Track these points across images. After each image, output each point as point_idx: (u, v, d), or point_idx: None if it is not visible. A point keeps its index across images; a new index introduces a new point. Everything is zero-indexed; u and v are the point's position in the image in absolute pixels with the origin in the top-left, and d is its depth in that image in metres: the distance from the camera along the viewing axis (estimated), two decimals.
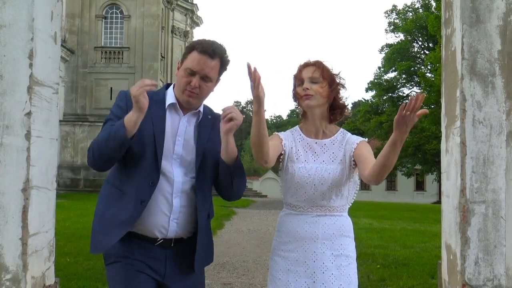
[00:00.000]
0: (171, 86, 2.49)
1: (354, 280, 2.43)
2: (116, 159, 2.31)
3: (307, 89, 2.45)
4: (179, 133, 2.39)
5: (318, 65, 2.50)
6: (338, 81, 2.51)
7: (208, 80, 2.36)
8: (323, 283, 2.35)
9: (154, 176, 2.33)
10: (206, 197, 2.44)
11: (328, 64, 2.52)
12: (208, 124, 2.46)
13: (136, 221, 2.33)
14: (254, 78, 2.13)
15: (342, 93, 2.55)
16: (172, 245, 2.41)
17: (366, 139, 2.58)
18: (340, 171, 2.43)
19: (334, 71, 2.52)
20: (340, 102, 2.53)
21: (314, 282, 2.36)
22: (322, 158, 2.47)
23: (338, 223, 2.44)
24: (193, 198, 2.40)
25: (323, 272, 2.36)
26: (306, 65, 2.52)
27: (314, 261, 2.38)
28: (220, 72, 2.42)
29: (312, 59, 2.55)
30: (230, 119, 2.22)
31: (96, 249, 2.38)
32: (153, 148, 2.33)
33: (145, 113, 2.22)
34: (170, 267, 2.41)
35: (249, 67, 2.14)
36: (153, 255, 2.39)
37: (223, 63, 2.41)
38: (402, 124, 2.09)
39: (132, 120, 2.21)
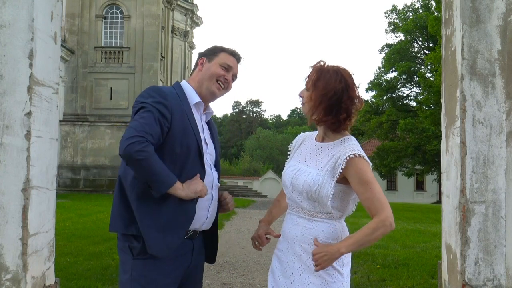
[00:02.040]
0: (185, 83, 2.59)
1: (332, 287, 2.31)
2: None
3: (300, 96, 2.43)
4: (204, 131, 2.57)
5: (314, 71, 2.37)
6: (339, 91, 2.31)
7: (234, 79, 2.64)
8: (298, 285, 2.33)
9: (202, 172, 2.45)
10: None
11: (343, 72, 2.35)
12: (210, 122, 2.69)
13: (193, 218, 2.43)
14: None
15: (358, 106, 2.36)
16: (197, 236, 2.54)
17: (362, 154, 2.30)
18: (314, 175, 2.31)
19: (345, 81, 2.33)
20: (340, 113, 2.32)
21: (291, 283, 2.35)
22: (310, 160, 2.40)
23: (318, 228, 2.33)
24: (218, 191, 2.61)
25: (300, 275, 2.34)
26: (311, 69, 2.40)
27: (294, 262, 2.37)
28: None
29: (329, 62, 2.40)
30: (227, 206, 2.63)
31: (163, 251, 2.34)
32: (197, 147, 2.44)
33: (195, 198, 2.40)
34: (195, 259, 2.53)
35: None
36: (183, 248, 2.45)
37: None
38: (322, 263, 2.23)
39: (176, 192, 2.30)
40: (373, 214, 2.24)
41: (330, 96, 2.30)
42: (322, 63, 2.39)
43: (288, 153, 2.60)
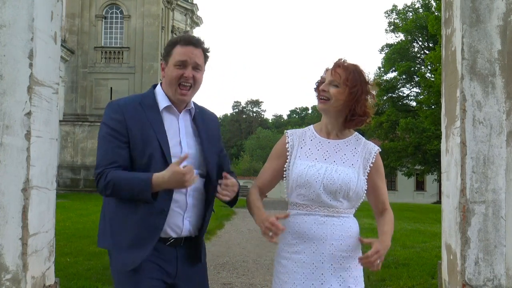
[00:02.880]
0: (158, 87, 2.48)
1: (361, 282, 2.41)
2: None
3: (324, 91, 2.41)
4: (181, 132, 2.41)
5: (347, 70, 2.40)
6: (366, 89, 2.42)
7: (199, 69, 2.42)
8: (331, 285, 2.32)
9: None
10: (213, 191, 2.45)
11: (362, 70, 2.43)
12: (200, 118, 2.51)
13: (160, 231, 2.33)
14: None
15: (371, 102, 2.46)
16: (182, 244, 2.43)
17: (379, 149, 2.51)
18: (350, 174, 2.38)
19: (367, 78, 2.43)
20: (364, 111, 2.43)
21: (322, 284, 2.33)
22: (333, 158, 2.42)
23: (346, 224, 2.40)
24: (203, 194, 2.44)
25: (331, 274, 2.34)
26: (338, 66, 2.43)
27: (323, 263, 2.35)
28: (204, 61, 2.47)
29: (349, 60, 2.45)
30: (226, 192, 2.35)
31: (128, 266, 2.33)
32: (161, 154, 2.32)
33: (181, 187, 2.26)
34: (180, 267, 2.42)
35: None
36: (165, 256, 2.39)
37: (205, 51, 2.46)
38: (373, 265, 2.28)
39: (161, 187, 2.23)
40: (386, 206, 2.49)
41: (358, 94, 2.40)
42: (343, 61, 2.44)
43: (287, 153, 2.51)
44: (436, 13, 30.52)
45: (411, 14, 40.09)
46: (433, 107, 31.54)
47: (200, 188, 2.43)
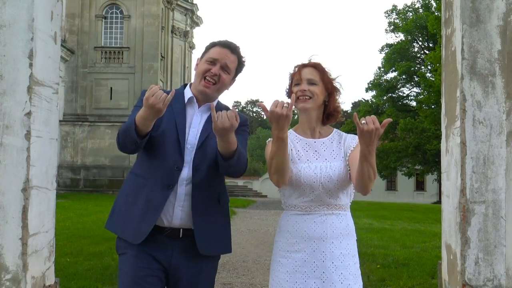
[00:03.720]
0: (188, 85, 2.63)
1: (359, 279, 2.45)
2: (140, 147, 2.41)
3: (305, 90, 2.45)
4: (193, 124, 2.51)
5: (318, 67, 2.50)
6: (335, 85, 2.53)
7: (227, 71, 2.52)
8: (332, 283, 2.34)
9: (179, 161, 2.44)
10: (213, 187, 2.52)
11: (326, 67, 2.53)
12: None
13: (164, 205, 2.41)
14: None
15: (339, 98, 2.55)
16: (180, 236, 2.47)
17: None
18: (344, 168, 2.42)
19: (332, 75, 2.53)
20: (336, 106, 2.53)
21: (323, 282, 2.34)
22: (324, 156, 2.46)
23: (344, 222, 2.44)
24: (200, 186, 2.48)
25: (333, 272, 2.35)
26: (306, 65, 2.51)
27: (323, 261, 2.36)
28: (237, 70, 2.58)
29: (313, 59, 2.54)
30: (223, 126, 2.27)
31: (137, 238, 2.43)
32: (176, 136, 2.45)
33: (156, 110, 2.27)
34: (176, 258, 2.47)
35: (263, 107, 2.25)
36: (160, 246, 2.45)
37: (240, 63, 2.58)
38: (366, 136, 2.16)
39: (140, 116, 2.30)
40: None
41: (331, 91, 2.51)
42: (313, 59, 2.54)
43: None
44: (436, 13, 30.54)
45: (411, 14, 40.10)
46: (433, 107, 31.57)
47: (190, 177, 2.46)
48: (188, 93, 2.58)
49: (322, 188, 2.39)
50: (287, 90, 2.56)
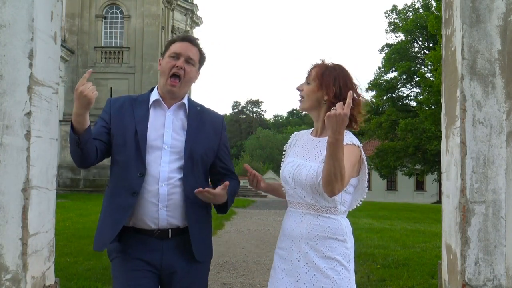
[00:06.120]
0: (155, 88, 2.63)
1: (340, 283, 2.30)
2: (88, 156, 2.43)
3: (298, 90, 2.47)
4: (166, 124, 2.51)
5: (317, 66, 2.46)
6: (340, 87, 2.39)
7: (191, 63, 2.53)
8: (304, 283, 2.31)
9: (141, 167, 2.44)
10: (199, 185, 2.47)
11: (331, 68, 2.43)
12: (197, 115, 2.58)
13: (129, 213, 2.42)
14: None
15: (361, 104, 2.42)
16: (170, 236, 2.47)
17: (356, 143, 2.39)
18: (316, 169, 2.31)
19: (343, 80, 2.40)
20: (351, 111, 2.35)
21: (297, 281, 2.33)
22: (309, 155, 2.43)
23: (325, 224, 2.34)
24: (182, 185, 2.47)
25: (306, 273, 2.32)
26: (314, 66, 2.48)
27: (298, 260, 2.35)
28: (200, 62, 2.60)
29: (326, 61, 2.47)
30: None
31: (97, 247, 2.50)
32: (135, 143, 2.45)
33: (85, 103, 2.32)
34: (167, 259, 2.46)
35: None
36: (150, 248, 2.46)
37: (201, 55, 2.60)
38: (332, 120, 2.08)
39: (74, 113, 2.35)
40: None
41: (328, 90, 2.39)
42: (322, 61, 2.48)
43: (284, 153, 2.60)
44: (436, 13, 30.51)
45: (411, 14, 40.08)
46: (433, 107, 31.54)
47: (178, 179, 2.46)
48: (154, 95, 2.57)
49: (295, 184, 2.38)
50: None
